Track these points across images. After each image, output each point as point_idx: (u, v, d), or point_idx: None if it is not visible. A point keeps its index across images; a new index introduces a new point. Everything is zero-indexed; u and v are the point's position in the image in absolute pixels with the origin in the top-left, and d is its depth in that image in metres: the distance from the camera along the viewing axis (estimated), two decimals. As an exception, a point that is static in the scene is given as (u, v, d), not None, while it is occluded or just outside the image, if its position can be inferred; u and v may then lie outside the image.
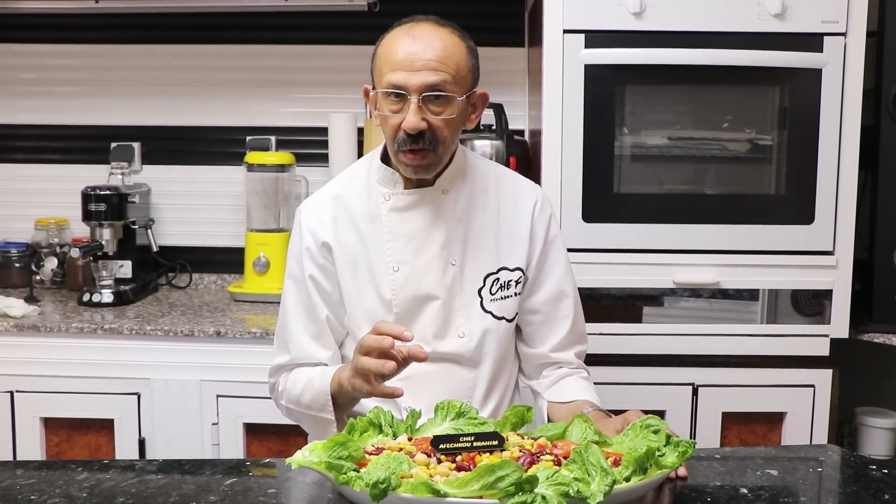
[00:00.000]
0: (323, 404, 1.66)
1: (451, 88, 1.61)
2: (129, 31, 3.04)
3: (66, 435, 2.54)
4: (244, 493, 1.37)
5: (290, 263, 1.79)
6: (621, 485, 1.22)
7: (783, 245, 2.40)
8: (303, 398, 1.70)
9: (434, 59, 1.59)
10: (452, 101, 1.62)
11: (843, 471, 1.55)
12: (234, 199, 3.05)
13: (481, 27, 2.09)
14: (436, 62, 1.59)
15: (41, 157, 3.11)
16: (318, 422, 1.70)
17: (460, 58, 1.63)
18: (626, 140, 2.43)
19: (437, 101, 1.61)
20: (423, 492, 1.18)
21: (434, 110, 1.61)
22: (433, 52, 1.59)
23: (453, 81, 1.61)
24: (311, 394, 1.68)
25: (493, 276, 1.75)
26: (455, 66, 1.61)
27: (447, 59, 1.60)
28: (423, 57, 1.59)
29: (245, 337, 2.46)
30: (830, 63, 2.33)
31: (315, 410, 1.68)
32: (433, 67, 1.59)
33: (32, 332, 2.50)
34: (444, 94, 1.60)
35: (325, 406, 1.66)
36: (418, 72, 1.59)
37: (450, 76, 1.60)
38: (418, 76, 1.59)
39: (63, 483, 1.40)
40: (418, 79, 1.59)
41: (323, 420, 1.68)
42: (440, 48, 1.60)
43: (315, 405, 1.68)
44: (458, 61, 1.62)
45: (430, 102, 1.61)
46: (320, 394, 1.66)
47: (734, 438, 2.47)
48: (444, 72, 1.60)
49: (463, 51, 1.64)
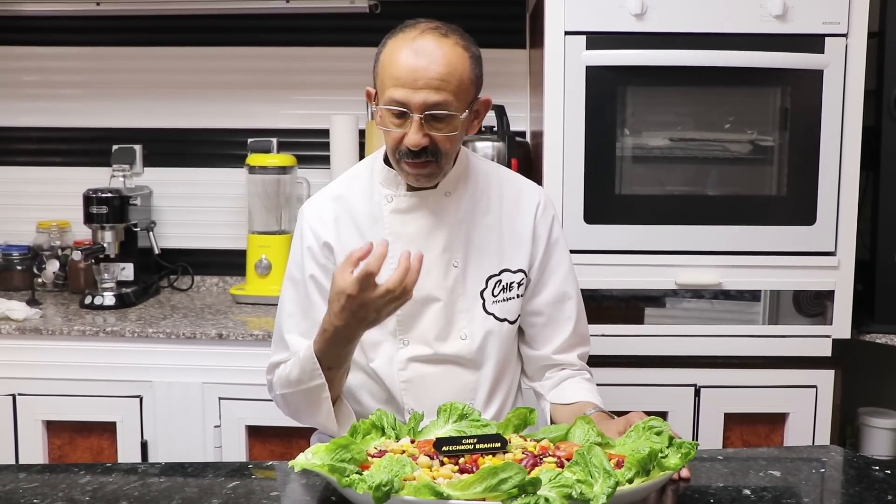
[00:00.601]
0: (311, 371, 1.60)
1: (453, 107, 1.59)
2: (130, 33, 3.04)
3: (68, 438, 2.54)
4: (246, 495, 1.37)
5: (291, 263, 1.79)
6: (624, 486, 1.22)
7: (785, 246, 2.39)
8: (291, 375, 1.65)
9: (437, 77, 1.57)
10: (455, 119, 1.61)
11: (845, 472, 1.55)
12: (235, 201, 3.05)
13: (482, 29, 2.09)
14: (438, 80, 1.57)
15: (43, 160, 3.11)
16: (311, 397, 1.63)
17: (463, 71, 1.60)
18: (628, 141, 2.43)
19: (440, 119, 1.60)
20: (426, 494, 1.18)
21: (436, 126, 1.60)
22: (436, 70, 1.57)
23: (455, 98, 1.59)
24: (298, 366, 1.63)
25: (495, 278, 1.75)
26: (458, 81, 1.59)
27: (450, 76, 1.58)
28: (425, 75, 1.57)
29: (247, 339, 2.46)
30: (832, 64, 2.33)
31: (305, 382, 1.62)
32: (435, 86, 1.57)
33: (34, 335, 2.50)
34: (447, 113, 1.59)
35: (314, 372, 1.60)
36: (420, 90, 1.57)
37: (452, 94, 1.58)
38: (420, 94, 1.57)
39: (65, 486, 1.40)
40: (420, 97, 1.57)
41: (315, 390, 1.61)
42: (443, 64, 1.57)
43: (304, 376, 1.62)
44: (461, 76, 1.60)
45: (433, 119, 1.59)
46: (306, 361, 1.61)
47: (736, 439, 2.47)
48: (446, 90, 1.57)
49: (466, 64, 1.61)
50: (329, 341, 1.57)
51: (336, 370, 1.62)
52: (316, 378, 1.61)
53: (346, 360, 1.62)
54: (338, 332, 1.55)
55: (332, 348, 1.58)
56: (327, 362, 1.60)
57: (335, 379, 1.63)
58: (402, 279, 1.47)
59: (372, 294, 1.48)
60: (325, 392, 1.61)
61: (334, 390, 1.63)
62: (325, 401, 1.62)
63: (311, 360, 1.60)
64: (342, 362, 1.62)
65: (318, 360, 1.59)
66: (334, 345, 1.58)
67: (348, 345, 1.59)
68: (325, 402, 1.62)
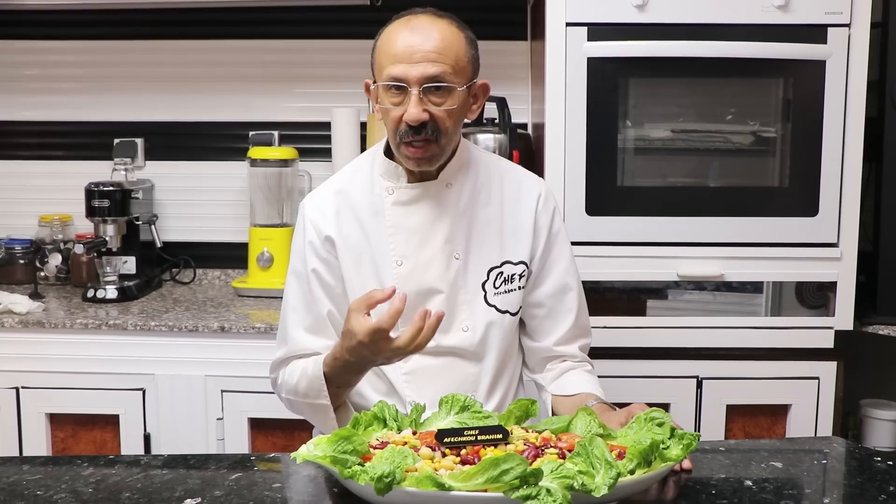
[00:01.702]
0: (318, 390, 1.64)
1: (451, 79, 1.61)
2: (131, 26, 3.04)
3: (71, 430, 2.55)
4: (249, 487, 1.37)
5: (293, 258, 1.79)
6: (626, 477, 1.22)
7: (787, 237, 2.39)
8: (299, 387, 1.69)
9: (433, 51, 1.59)
10: (453, 92, 1.62)
11: (847, 463, 1.55)
12: (237, 194, 3.05)
13: (483, 21, 2.08)
14: (435, 53, 1.59)
15: (45, 154, 3.11)
16: (316, 409, 1.68)
17: (459, 48, 1.63)
18: (630, 133, 2.42)
19: (438, 93, 1.61)
20: (428, 485, 1.18)
21: (435, 101, 1.61)
22: (432, 44, 1.59)
23: (453, 72, 1.61)
24: (306, 381, 1.67)
25: (496, 270, 1.75)
26: (454, 56, 1.61)
27: (446, 50, 1.60)
28: (421, 48, 1.59)
29: (249, 332, 2.46)
30: (834, 54, 2.32)
31: (311, 398, 1.66)
32: (432, 59, 1.59)
33: (37, 329, 2.51)
34: (445, 84, 1.60)
35: (321, 392, 1.64)
36: (418, 63, 1.59)
37: (449, 67, 1.60)
38: (418, 68, 1.59)
39: (69, 478, 1.41)
40: (418, 70, 1.59)
41: (320, 407, 1.66)
42: (439, 39, 1.60)
43: (311, 392, 1.66)
44: (458, 51, 1.62)
45: (431, 94, 1.61)
46: (314, 380, 1.65)
47: (738, 431, 2.47)
48: (443, 63, 1.60)
49: (462, 41, 1.64)
50: (339, 369, 1.62)
51: (344, 388, 1.67)
52: (322, 398, 1.65)
53: (355, 382, 1.67)
54: (348, 364, 1.59)
55: (342, 374, 1.63)
56: (336, 382, 1.65)
57: (342, 394, 1.68)
58: (413, 338, 1.49)
59: (382, 345, 1.51)
60: (329, 412, 1.66)
61: (339, 400, 1.68)
62: (329, 420, 1.67)
63: (319, 379, 1.64)
64: (351, 384, 1.67)
65: (327, 380, 1.63)
66: (344, 372, 1.62)
67: (358, 375, 1.64)
68: (329, 420, 1.67)
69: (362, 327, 1.50)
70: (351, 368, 1.60)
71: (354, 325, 1.51)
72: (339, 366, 1.60)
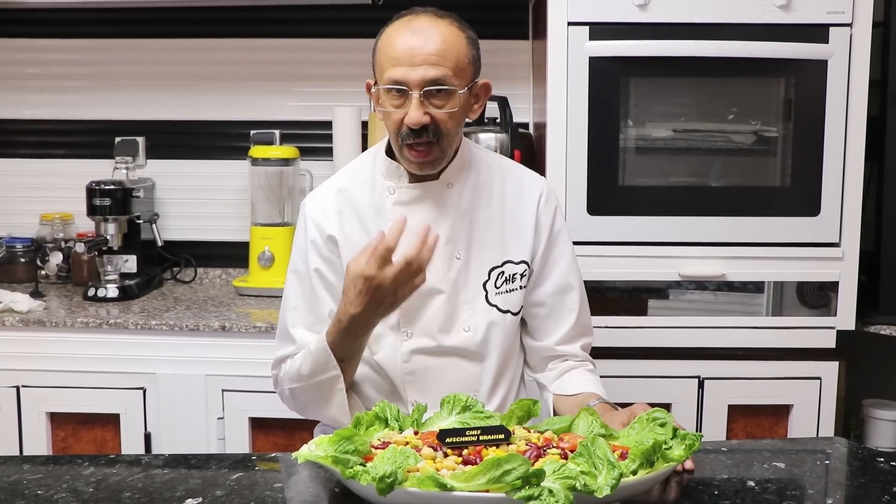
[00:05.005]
0: (325, 363, 1.61)
1: (452, 81, 1.60)
2: (132, 25, 3.03)
3: (71, 429, 2.54)
4: (250, 487, 1.37)
5: (294, 257, 1.78)
6: (628, 478, 1.22)
7: (789, 237, 2.39)
8: (303, 370, 1.65)
9: (434, 53, 1.58)
10: (454, 94, 1.62)
11: (850, 463, 1.55)
12: (238, 193, 3.05)
13: (485, 20, 2.08)
14: (435, 56, 1.59)
15: (45, 152, 3.11)
16: (323, 390, 1.63)
17: (460, 49, 1.62)
18: (631, 132, 2.42)
19: (439, 95, 1.61)
20: (430, 486, 1.18)
21: (436, 104, 1.61)
22: (433, 46, 1.59)
23: (454, 74, 1.60)
24: (311, 359, 1.63)
25: (497, 270, 1.75)
26: (455, 58, 1.61)
27: (447, 52, 1.60)
28: (422, 51, 1.58)
29: (250, 331, 2.46)
30: (836, 54, 2.32)
31: (318, 374, 1.62)
32: (433, 62, 1.58)
33: (38, 327, 2.51)
34: (446, 87, 1.60)
35: (328, 364, 1.60)
36: (418, 66, 1.58)
37: (450, 69, 1.60)
38: (418, 71, 1.58)
39: (69, 478, 1.41)
40: (419, 73, 1.58)
41: (329, 382, 1.62)
42: (439, 41, 1.59)
43: (317, 368, 1.62)
44: (458, 53, 1.61)
45: (432, 96, 1.60)
46: (319, 353, 1.61)
47: (740, 431, 2.47)
48: (444, 66, 1.59)
49: (463, 42, 1.63)
50: (343, 331, 1.58)
51: (348, 361, 1.63)
52: (330, 370, 1.61)
53: (359, 351, 1.64)
54: (354, 320, 1.55)
55: (347, 338, 1.59)
56: (340, 353, 1.61)
57: (346, 371, 1.63)
58: (419, 250, 1.49)
59: (389, 271, 1.49)
60: (339, 383, 1.62)
61: (346, 382, 1.64)
62: (338, 392, 1.63)
63: (325, 351, 1.60)
64: (355, 353, 1.63)
65: (332, 351, 1.60)
66: (349, 334, 1.58)
67: (364, 334, 1.60)
68: (338, 393, 1.63)
69: (364, 263, 1.49)
70: (357, 325, 1.56)
71: (355, 267, 1.50)
72: (344, 328, 1.57)
